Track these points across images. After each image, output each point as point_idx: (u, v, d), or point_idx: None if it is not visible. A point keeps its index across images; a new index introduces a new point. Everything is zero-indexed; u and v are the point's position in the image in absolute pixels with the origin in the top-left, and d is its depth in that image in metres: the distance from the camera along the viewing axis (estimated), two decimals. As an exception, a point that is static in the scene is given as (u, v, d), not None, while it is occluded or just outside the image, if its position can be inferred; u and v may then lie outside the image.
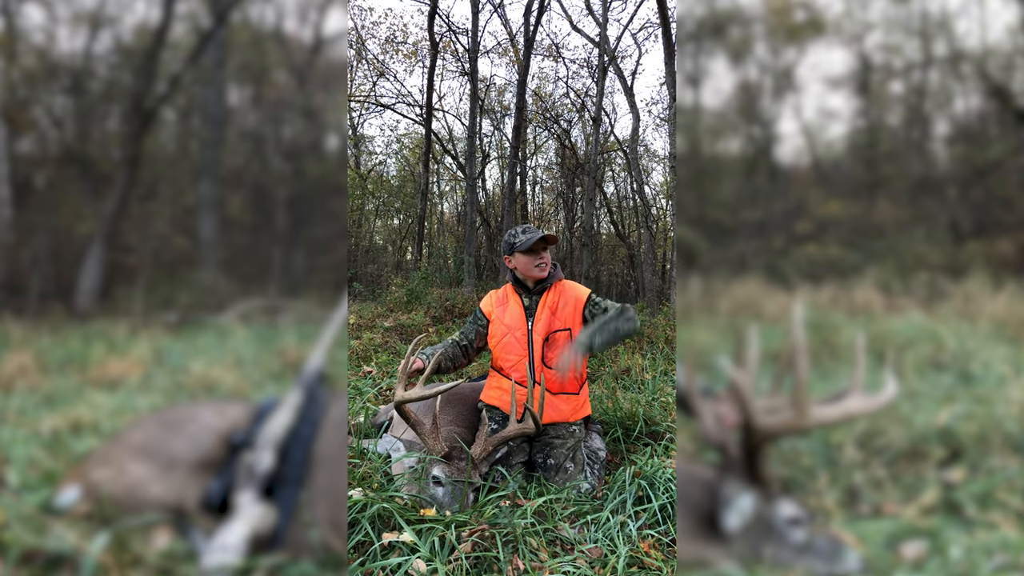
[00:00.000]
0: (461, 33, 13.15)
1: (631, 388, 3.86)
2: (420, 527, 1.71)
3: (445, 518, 1.78)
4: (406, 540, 1.62)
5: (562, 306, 2.43)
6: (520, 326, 2.44)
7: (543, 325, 2.40)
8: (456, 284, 11.02)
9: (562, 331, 2.40)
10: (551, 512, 1.99)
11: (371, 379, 4.01)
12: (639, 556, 1.71)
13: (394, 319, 6.74)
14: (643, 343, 5.82)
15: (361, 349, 5.04)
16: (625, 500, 2.06)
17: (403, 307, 7.74)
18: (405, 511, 1.77)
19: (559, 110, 16.97)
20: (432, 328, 6.36)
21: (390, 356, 4.86)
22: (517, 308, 2.47)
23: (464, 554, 1.62)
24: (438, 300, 7.91)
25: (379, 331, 5.98)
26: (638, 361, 4.75)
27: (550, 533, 1.87)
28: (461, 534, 1.72)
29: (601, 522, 1.92)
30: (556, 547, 1.82)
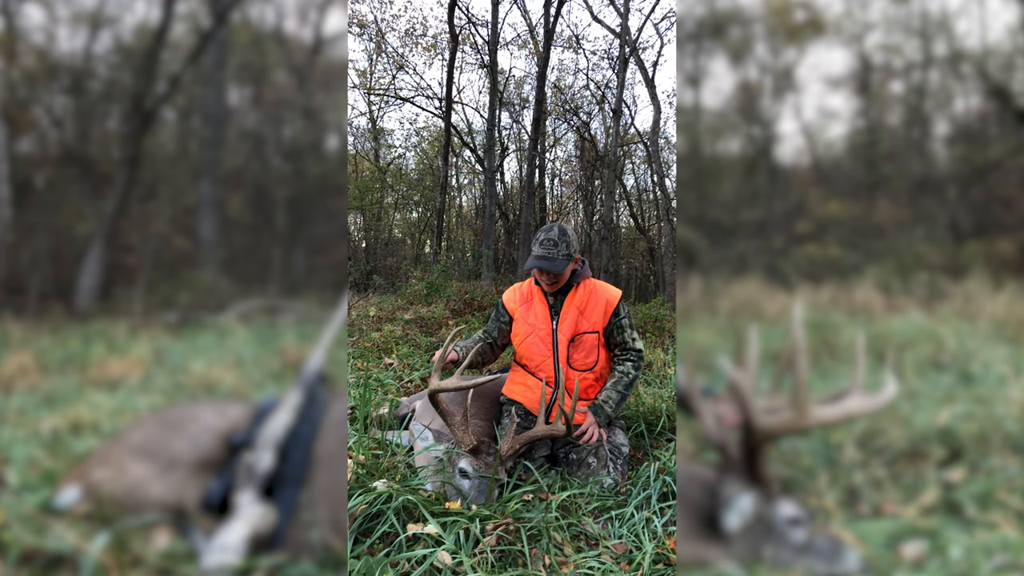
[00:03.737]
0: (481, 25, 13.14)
1: (653, 383, 3.82)
2: (445, 520, 1.72)
3: (469, 511, 1.79)
4: (431, 532, 1.63)
5: (592, 307, 2.35)
6: (545, 325, 2.37)
7: (569, 325, 2.34)
8: (475, 277, 11.02)
9: (590, 333, 2.34)
10: (575, 507, 2.00)
11: (392, 371, 4.03)
12: (665, 553, 1.71)
13: (414, 312, 6.78)
14: (664, 338, 5.83)
15: (382, 341, 5.07)
16: (650, 496, 2.06)
17: (423, 300, 7.77)
18: (430, 503, 1.78)
19: (579, 102, 16.80)
20: (451, 321, 6.36)
21: (410, 348, 4.87)
22: (542, 307, 2.40)
23: (489, 547, 1.63)
24: (457, 293, 7.93)
25: (399, 323, 6.00)
26: (660, 356, 4.71)
27: (574, 528, 1.88)
28: (486, 527, 1.73)
29: (626, 518, 1.93)
30: (580, 542, 1.83)
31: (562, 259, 2.27)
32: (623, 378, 2.35)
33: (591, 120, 17.37)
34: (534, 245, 2.33)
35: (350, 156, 17.23)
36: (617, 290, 2.43)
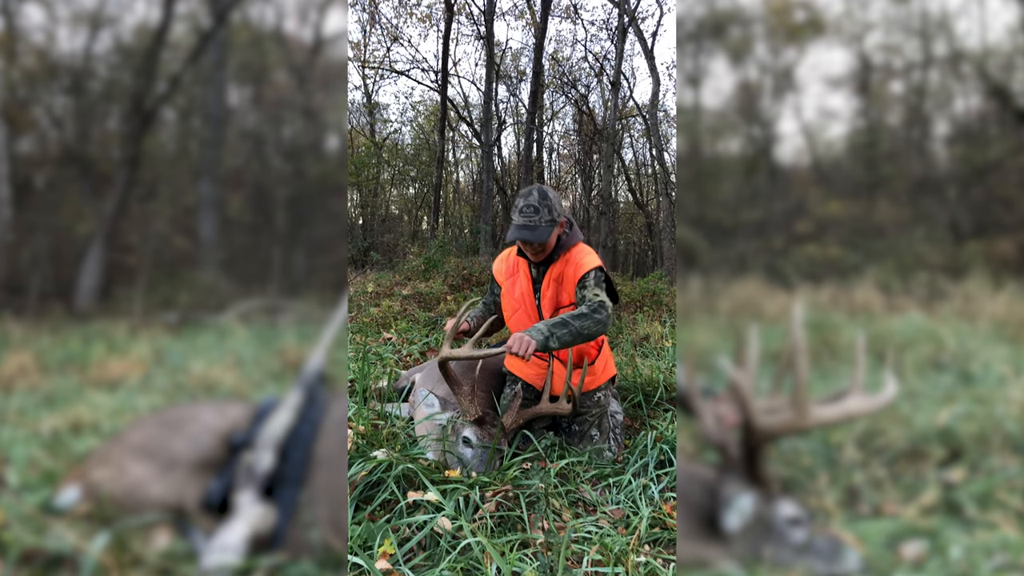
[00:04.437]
0: (476, -6, 12.68)
1: (650, 355, 3.89)
2: (445, 487, 1.74)
3: (469, 479, 1.81)
4: (431, 499, 1.65)
5: (569, 278, 2.23)
6: (529, 300, 2.31)
7: (550, 300, 2.26)
8: (473, 253, 10.86)
9: (570, 307, 2.24)
10: (573, 475, 2.03)
11: (391, 345, 4.06)
12: (661, 517, 1.74)
13: (412, 287, 6.81)
14: (662, 311, 5.88)
15: (380, 316, 5.10)
16: (647, 464, 2.09)
17: (421, 276, 7.77)
18: (430, 472, 1.80)
19: (577, 74, 16.51)
20: (450, 296, 6.38)
21: (409, 323, 4.91)
22: (525, 280, 2.33)
23: (488, 513, 1.65)
24: (455, 269, 7.91)
25: (397, 299, 6.03)
26: (657, 329, 4.76)
27: (572, 495, 1.90)
28: (485, 494, 1.75)
29: (623, 485, 1.96)
30: (578, 508, 1.85)
31: (545, 226, 2.10)
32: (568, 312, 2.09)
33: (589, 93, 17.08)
34: (514, 213, 2.17)
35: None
36: (593, 259, 2.23)
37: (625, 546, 1.55)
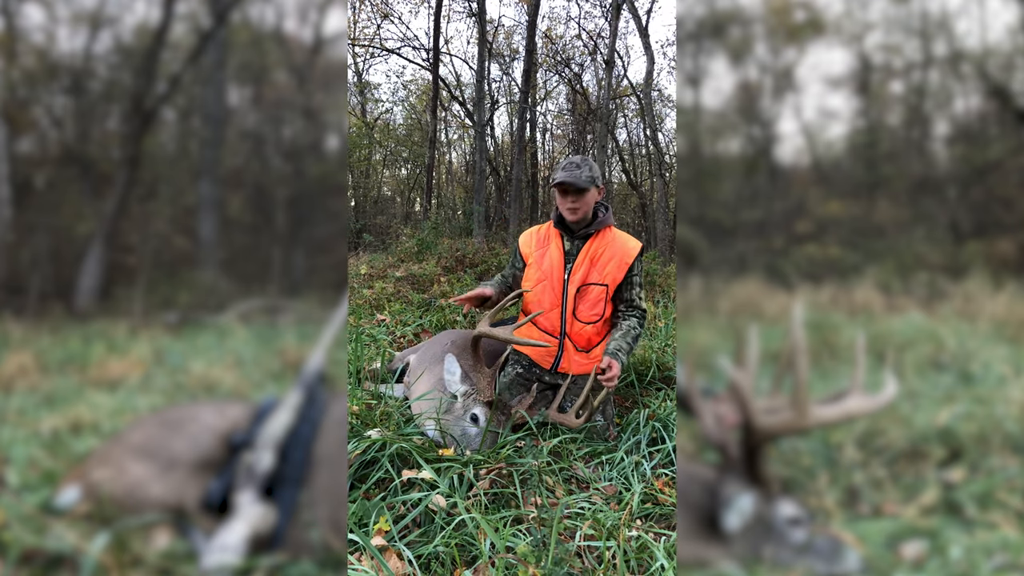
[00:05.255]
0: (468, -32, 12.37)
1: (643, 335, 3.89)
2: (439, 466, 1.75)
3: (463, 458, 1.83)
4: (426, 477, 1.67)
5: (608, 259, 2.25)
6: (557, 273, 2.29)
7: (580, 275, 2.26)
8: (466, 234, 10.74)
9: (597, 285, 2.25)
10: (566, 452, 2.05)
11: (385, 327, 4.08)
12: (653, 493, 1.76)
13: (405, 269, 6.79)
14: (655, 292, 5.91)
15: (374, 298, 5.11)
16: (640, 441, 2.11)
17: (414, 257, 7.75)
18: (424, 451, 1.81)
19: (570, 53, 16.26)
20: (443, 278, 6.37)
21: (402, 305, 4.93)
22: (557, 252, 2.31)
23: (482, 491, 1.66)
24: (448, 250, 7.87)
25: (391, 280, 6.01)
26: (651, 309, 4.77)
27: (565, 472, 1.93)
28: (479, 472, 1.77)
29: (616, 462, 1.98)
30: (571, 485, 1.88)
31: (586, 179, 2.18)
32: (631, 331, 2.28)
33: (583, 72, 16.86)
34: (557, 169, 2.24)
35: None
36: (637, 243, 2.31)
37: (617, 521, 1.57)
